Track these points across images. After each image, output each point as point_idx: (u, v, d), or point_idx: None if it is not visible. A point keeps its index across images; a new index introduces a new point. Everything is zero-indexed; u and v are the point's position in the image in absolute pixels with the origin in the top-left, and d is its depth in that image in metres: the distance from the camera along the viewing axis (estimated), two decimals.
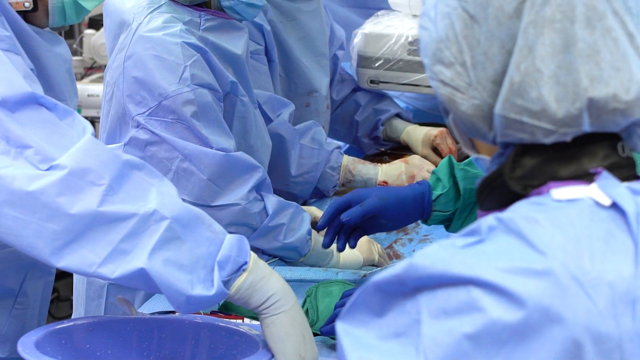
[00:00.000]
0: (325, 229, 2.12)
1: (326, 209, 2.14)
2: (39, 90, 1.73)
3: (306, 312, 2.00)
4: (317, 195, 2.78)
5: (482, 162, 1.24)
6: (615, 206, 1.10)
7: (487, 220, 1.09)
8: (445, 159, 2.08)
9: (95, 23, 4.92)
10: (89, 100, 4.22)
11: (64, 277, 3.79)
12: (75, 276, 2.47)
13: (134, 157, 1.70)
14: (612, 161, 1.14)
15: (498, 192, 1.18)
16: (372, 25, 3.18)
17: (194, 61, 2.22)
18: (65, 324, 1.70)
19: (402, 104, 3.30)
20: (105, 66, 4.67)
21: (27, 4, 1.90)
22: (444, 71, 1.17)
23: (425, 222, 2.09)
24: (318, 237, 2.39)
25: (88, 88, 4.26)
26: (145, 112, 2.21)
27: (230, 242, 1.68)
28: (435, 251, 1.08)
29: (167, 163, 2.20)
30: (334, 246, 2.15)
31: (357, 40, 3.16)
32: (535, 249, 1.05)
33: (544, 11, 1.11)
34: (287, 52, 2.86)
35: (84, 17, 2.03)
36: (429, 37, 1.19)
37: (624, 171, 1.15)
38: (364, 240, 2.41)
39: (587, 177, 1.13)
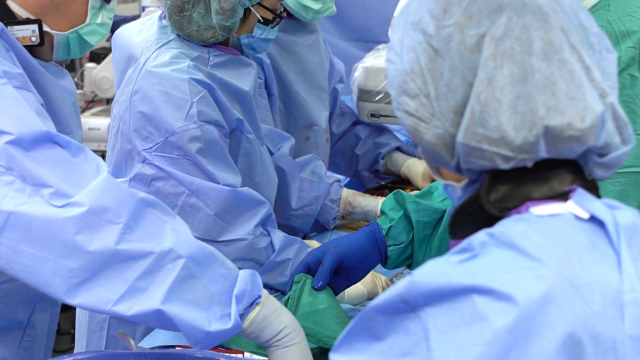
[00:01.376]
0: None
1: (290, 277, 2.10)
2: (51, 127, 1.75)
3: (286, 301, 1.99)
4: (317, 228, 2.78)
5: (452, 190, 1.30)
6: (593, 219, 1.17)
7: (478, 237, 1.14)
8: (392, 194, 2.06)
9: (97, 57, 4.94)
10: (90, 134, 4.22)
11: (64, 310, 3.78)
12: (78, 308, 2.46)
13: (148, 195, 1.73)
14: (580, 183, 1.21)
15: (474, 217, 1.24)
16: (373, 59, 3.19)
17: (200, 97, 2.22)
18: (67, 359, 1.71)
19: (402, 138, 3.31)
20: (106, 100, 4.74)
21: (34, 39, 1.91)
22: (409, 102, 1.23)
23: (384, 264, 2.04)
24: None
25: (89, 121, 4.27)
26: (151, 147, 2.21)
27: (245, 277, 1.73)
28: (434, 267, 1.12)
29: (173, 199, 2.20)
30: None
31: (357, 73, 3.17)
32: (531, 257, 1.09)
33: (503, 45, 1.17)
34: (286, 85, 2.87)
35: (87, 51, 2.03)
36: (395, 69, 1.25)
37: (592, 193, 1.21)
38: (368, 275, 2.41)
39: (561, 196, 1.19)
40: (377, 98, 3.12)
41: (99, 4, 1.97)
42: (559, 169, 1.20)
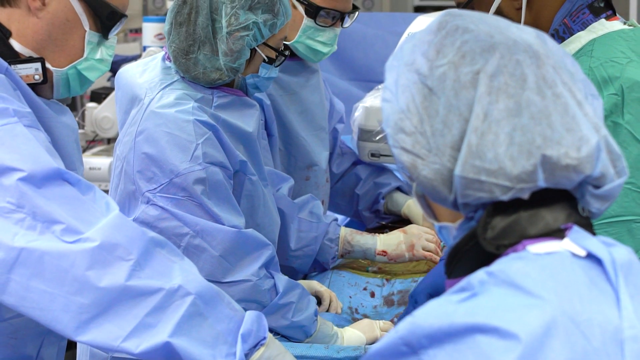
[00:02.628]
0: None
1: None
2: (61, 165, 1.77)
3: None
4: (316, 268, 2.78)
5: (446, 231, 1.31)
6: (590, 257, 1.18)
7: (477, 276, 1.15)
8: None
9: (98, 96, 4.96)
10: (91, 174, 4.23)
11: (69, 348, 3.76)
12: (79, 347, 2.46)
13: (158, 235, 1.77)
14: (575, 220, 1.22)
15: (470, 256, 1.25)
16: (373, 99, 3.20)
17: (205, 139, 2.23)
18: None
19: (402, 178, 3.30)
20: (107, 139, 4.74)
21: (37, 77, 1.92)
22: (405, 139, 1.25)
23: None
24: (324, 318, 2.39)
25: (90, 161, 4.27)
26: (155, 188, 2.21)
27: (251, 318, 1.76)
28: (435, 307, 1.13)
29: (177, 240, 2.19)
30: (337, 328, 2.15)
31: (357, 113, 3.18)
32: (532, 294, 1.11)
33: (497, 80, 1.21)
34: (286, 126, 2.88)
35: (88, 88, 2.04)
36: (391, 108, 1.28)
37: (586, 229, 1.23)
38: (365, 321, 2.41)
39: (557, 233, 1.21)
40: (377, 138, 3.13)
41: (97, 40, 1.97)
42: (554, 205, 1.22)
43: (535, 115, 1.19)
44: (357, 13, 2.87)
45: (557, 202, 1.22)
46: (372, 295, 2.66)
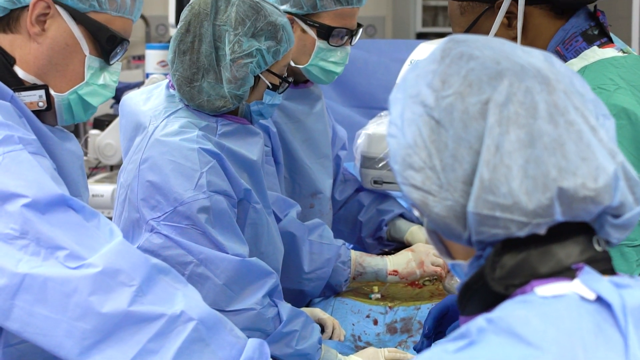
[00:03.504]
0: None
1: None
2: (66, 191, 1.78)
3: None
4: (326, 292, 2.77)
5: (459, 268, 1.26)
6: (600, 300, 1.13)
7: (477, 322, 1.11)
8: None
9: (100, 123, 4.96)
10: (94, 201, 4.22)
11: None
12: None
13: (161, 262, 1.77)
14: (589, 255, 1.17)
15: (480, 295, 1.20)
16: (376, 126, 3.20)
17: (210, 167, 2.23)
18: None
19: (405, 204, 3.31)
20: (110, 167, 4.74)
21: (41, 104, 1.93)
22: (414, 176, 1.20)
23: None
24: (327, 346, 2.39)
25: (93, 188, 4.27)
26: (159, 216, 2.21)
27: (253, 345, 1.76)
28: (431, 357, 1.11)
29: (181, 268, 2.19)
30: (341, 356, 2.15)
31: (360, 140, 3.18)
32: (530, 345, 1.06)
33: (507, 110, 1.16)
34: (291, 153, 2.88)
35: (92, 114, 2.04)
36: (398, 144, 1.22)
37: (601, 265, 1.18)
38: (370, 349, 2.41)
39: (568, 273, 1.16)
40: (380, 165, 3.13)
41: (98, 64, 1.97)
42: (567, 240, 1.17)
43: (549, 146, 1.15)
44: (361, 29, 2.90)
45: (571, 237, 1.17)
46: (375, 322, 2.66)
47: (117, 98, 5.07)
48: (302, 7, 2.76)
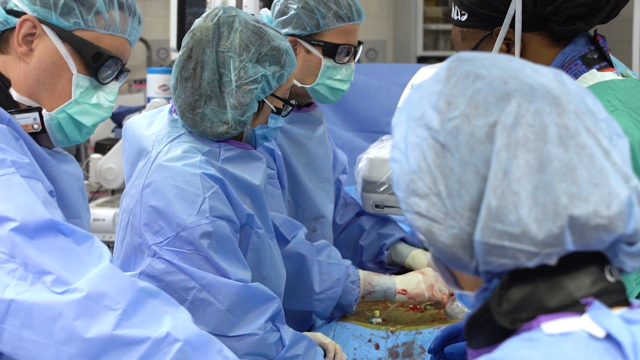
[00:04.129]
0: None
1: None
2: (57, 215, 1.78)
3: None
4: (335, 313, 2.76)
5: (467, 299, 1.21)
6: (609, 337, 1.07)
7: None
8: None
9: (102, 147, 4.96)
10: (95, 225, 4.22)
11: None
12: None
13: (150, 285, 1.76)
14: (600, 287, 1.12)
15: (486, 329, 1.15)
16: (377, 150, 3.20)
17: (212, 193, 2.23)
18: None
19: (406, 228, 3.31)
20: (111, 191, 4.74)
21: (36, 126, 1.93)
22: (419, 203, 1.15)
23: None
24: None
25: (94, 212, 4.27)
26: (162, 241, 2.21)
27: None
28: None
29: (183, 293, 2.19)
30: None
31: (361, 165, 3.18)
32: None
33: (515, 133, 1.11)
34: (295, 177, 2.89)
35: (88, 134, 2.03)
36: (401, 169, 1.18)
37: (614, 296, 1.13)
38: None
39: (577, 307, 1.10)
40: (381, 189, 3.13)
41: (89, 83, 1.96)
42: (577, 271, 1.11)
43: (559, 171, 1.09)
44: (361, 46, 2.92)
45: (582, 267, 1.12)
46: (377, 347, 2.65)
47: (118, 122, 5.08)
48: (305, 27, 2.78)
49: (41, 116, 1.93)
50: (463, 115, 1.14)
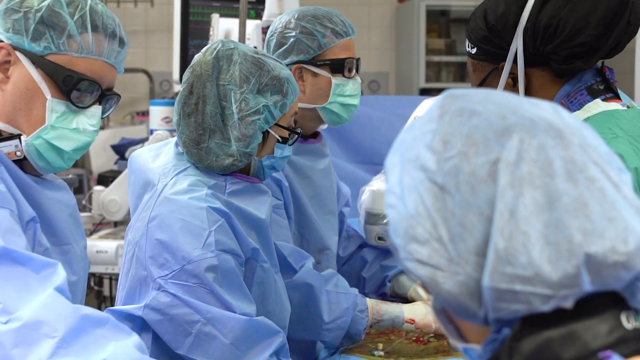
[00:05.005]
0: None
1: None
2: (18, 243, 1.76)
3: None
4: (344, 343, 2.75)
5: (473, 352, 1.13)
6: None
7: None
8: None
9: (105, 179, 4.97)
10: (98, 257, 4.22)
11: None
12: None
13: (97, 313, 1.73)
14: (618, 336, 1.04)
15: None
16: (380, 182, 3.20)
17: (218, 226, 2.22)
18: None
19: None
20: (114, 223, 4.74)
21: (18, 153, 1.93)
22: (419, 250, 1.08)
23: None
24: None
25: (97, 244, 4.27)
26: (167, 274, 2.20)
27: None
28: None
29: (188, 327, 2.18)
30: None
31: (364, 197, 3.18)
32: None
33: (519, 170, 1.04)
34: (301, 208, 2.89)
35: (72, 160, 2.01)
36: (398, 214, 1.11)
37: (632, 345, 1.05)
38: None
39: (593, 359, 1.03)
40: (384, 221, 3.13)
41: (65, 107, 1.95)
42: (593, 317, 1.04)
43: (570, 207, 1.03)
44: (360, 59, 2.95)
45: (597, 312, 1.05)
46: None
47: (121, 154, 5.09)
48: (308, 52, 2.81)
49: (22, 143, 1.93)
50: (461, 154, 1.08)
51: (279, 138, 2.39)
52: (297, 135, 2.45)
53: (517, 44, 2.08)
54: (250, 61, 2.34)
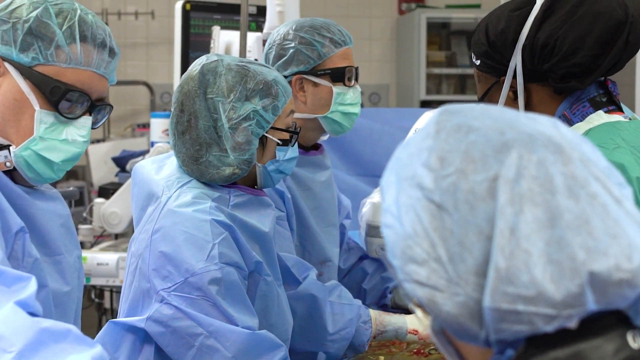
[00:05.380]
0: None
1: None
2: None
3: None
4: (347, 354, 2.75)
5: None
6: None
7: None
8: None
9: (105, 192, 4.96)
10: (99, 269, 4.21)
11: None
12: None
13: (58, 326, 1.69)
14: (624, 355, 1.01)
15: None
16: (380, 195, 3.20)
17: (222, 239, 2.22)
18: None
19: None
20: (114, 235, 4.73)
21: (8, 164, 1.93)
22: (418, 270, 1.05)
23: None
24: None
25: (97, 257, 4.26)
26: (170, 287, 2.20)
27: None
28: None
29: (190, 339, 2.18)
30: None
31: (365, 209, 3.18)
32: None
33: (519, 186, 1.02)
34: (302, 220, 2.89)
35: (62, 171, 2.00)
36: (395, 235, 1.08)
37: None
38: None
39: None
40: None
41: (54, 118, 1.94)
42: (598, 337, 1.01)
43: (572, 224, 1.00)
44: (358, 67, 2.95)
45: (602, 332, 1.02)
46: None
47: (122, 166, 5.09)
48: (308, 62, 2.82)
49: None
50: (459, 172, 1.05)
51: (279, 141, 2.38)
52: (297, 135, 2.44)
53: (516, 60, 2.10)
54: (235, 70, 2.34)
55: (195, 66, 2.37)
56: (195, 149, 2.32)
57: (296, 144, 2.46)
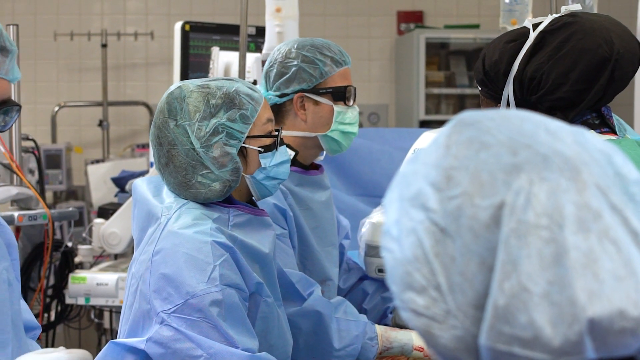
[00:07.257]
0: None
1: None
2: None
3: None
4: None
5: None
6: None
7: None
8: None
9: (105, 212, 4.96)
10: (98, 289, 4.21)
11: None
12: None
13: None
14: None
15: None
16: (380, 215, 3.20)
17: (223, 261, 2.22)
18: None
19: None
20: (114, 255, 4.73)
21: None
22: (415, 299, 0.98)
23: None
24: None
25: (97, 277, 4.26)
26: (170, 308, 2.19)
27: None
28: None
29: None
30: None
31: (364, 229, 3.18)
32: None
33: (526, 216, 0.94)
34: (303, 239, 2.89)
35: None
36: (394, 259, 1.01)
37: None
38: None
39: None
40: None
41: None
42: None
43: (577, 263, 0.92)
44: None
45: None
46: None
47: (121, 187, 5.09)
48: (310, 80, 2.83)
49: None
50: (465, 194, 0.97)
51: (260, 149, 2.38)
52: (278, 135, 2.41)
53: (509, 91, 2.18)
54: (197, 92, 2.35)
55: (162, 99, 2.39)
56: (182, 175, 2.32)
57: (285, 148, 2.45)
